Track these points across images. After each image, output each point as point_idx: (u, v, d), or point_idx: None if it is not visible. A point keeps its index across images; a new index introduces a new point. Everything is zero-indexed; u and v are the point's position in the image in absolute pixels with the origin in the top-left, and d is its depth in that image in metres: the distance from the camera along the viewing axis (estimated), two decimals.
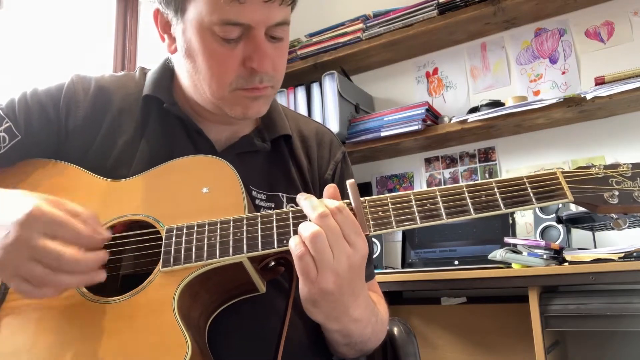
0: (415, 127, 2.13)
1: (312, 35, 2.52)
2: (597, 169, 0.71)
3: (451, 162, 2.38)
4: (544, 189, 0.69)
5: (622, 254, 1.52)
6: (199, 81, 0.82)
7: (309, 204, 0.69)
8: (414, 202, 0.70)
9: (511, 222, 1.98)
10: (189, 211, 0.74)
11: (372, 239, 0.83)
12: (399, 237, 2.27)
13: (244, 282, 0.74)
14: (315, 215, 0.67)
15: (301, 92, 2.40)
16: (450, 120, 2.15)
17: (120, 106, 0.88)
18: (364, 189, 2.52)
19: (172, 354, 0.62)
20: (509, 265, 1.69)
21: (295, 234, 0.68)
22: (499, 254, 1.67)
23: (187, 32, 0.79)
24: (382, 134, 2.21)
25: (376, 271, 1.09)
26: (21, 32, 2.23)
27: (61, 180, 0.81)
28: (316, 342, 0.83)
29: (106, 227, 0.76)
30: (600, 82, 1.84)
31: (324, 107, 2.32)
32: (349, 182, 0.71)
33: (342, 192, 0.73)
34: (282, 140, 0.93)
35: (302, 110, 2.36)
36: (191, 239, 0.71)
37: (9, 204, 0.67)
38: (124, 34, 2.61)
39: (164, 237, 0.72)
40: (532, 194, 0.69)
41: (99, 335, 0.66)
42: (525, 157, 2.21)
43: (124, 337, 0.66)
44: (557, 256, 1.66)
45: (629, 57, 2.01)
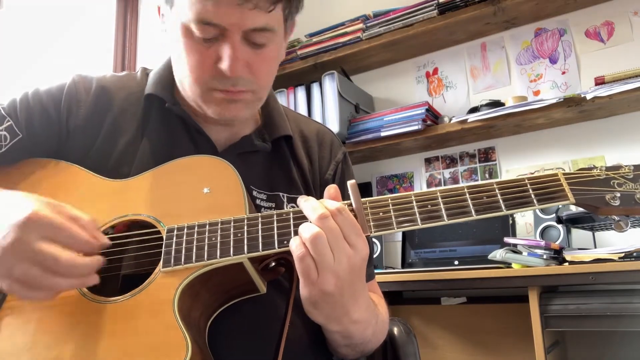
0: (415, 127, 2.14)
1: (312, 35, 2.52)
2: (598, 171, 0.70)
3: (451, 162, 2.38)
4: (545, 190, 0.69)
5: (622, 254, 1.52)
6: (180, 76, 0.83)
7: (309, 206, 0.68)
8: (414, 203, 0.70)
9: (511, 222, 1.98)
10: (190, 211, 0.74)
11: (372, 239, 0.83)
12: (399, 237, 2.27)
13: (244, 283, 0.74)
14: (315, 216, 0.67)
15: (301, 92, 2.39)
16: (450, 120, 2.15)
17: (121, 106, 0.88)
18: (364, 189, 2.52)
19: (172, 354, 0.62)
20: (509, 265, 1.69)
21: (296, 234, 0.68)
22: (499, 254, 1.67)
23: (174, 24, 0.79)
24: (382, 134, 2.21)
25: (376, 271, 1.09)
26: (21, 32, 2.23)
27: (62, 179, 0.81)
28: (316, 342, 0.83)
29: (107, 226, 0.76)
30: (600, 82, 1.85)
31: (324, 107, 2.32)
32: (350, 183, 0.71)
33: (343, 193, 0.73)
34: (283, 140, 0.93)
35: (302, 110, 2.36)
36: (192, 239, 0.71)
37: (9, 205, 0.67)
38: (124, 34, 2.61)
39: (165, 237, 0.72)
40: (533, 196, 0.69)
41: (99, 335, 0.66)
42: (525, 157, 2.21)
43: (124, 337, 0.66)
44: (557, 256, 1.66)
45: (629, 57, 2.01)
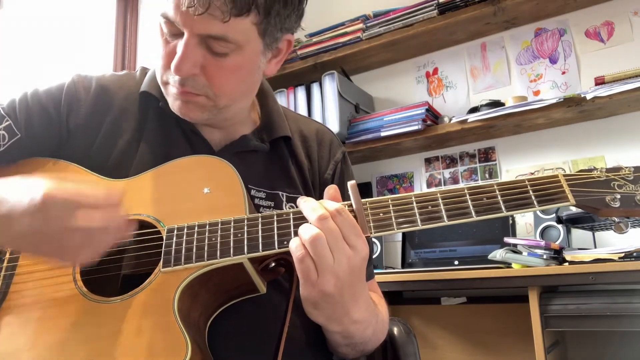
0: (415, 127, 2.14)
1: (312, 35, 2.52)
2: (599, 172, 0.70)
3: (451, 162, 2.38)
4: (546, 191, 0.69)
5: (622, 254, 1.52)
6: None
7: (308, 206, 0.68)
8: (415, 204, 0.70)
9: (511, 222, 1.98)
10: (190, 211, 0.74)
11: (372, 239, 0.83)
12: (399, 237, 2.27)
13: (244, 283, 0.74)
14: (314, 217, 0.67)
15: (301, 92, 2.39)
16: (450, 120, 2.15)
17: (121, 105, 0.88)
18: (364, 189, 2.52)
19: (172, 355, 0.62)
20: (509, 265, 1.69)
21: (296, 235, 0.68)
22: (499, 254, 1.67)
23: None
24: (382, 134, 2.21)
25: (376, 271, 1.09)
26: (21, 32, 2.23)
27: (61, 178, 0.81)
28: (316, 342, 0.83)
29: None
30: (600, 82, 1.84)
31: (324, 107, 2.32)
32: (350, 184, 0.71)
33: (343, 193, 0.73)
34: (282, 141, 0.93)
35: (302, 110, 2.36)
36: (192, 239, 0.71)
37: (17, 192, 0.67)
38: (124, 34, 2.61)
39: (165, 237, 0.72)
40: (533, 197, 0.69)
41: (99, 335, 0.66)
42: (525, 157, 2.21)
43: (123, 337, 0.66)
44: (557, 256, 1.66)
45: (629, 57, 2.01)
